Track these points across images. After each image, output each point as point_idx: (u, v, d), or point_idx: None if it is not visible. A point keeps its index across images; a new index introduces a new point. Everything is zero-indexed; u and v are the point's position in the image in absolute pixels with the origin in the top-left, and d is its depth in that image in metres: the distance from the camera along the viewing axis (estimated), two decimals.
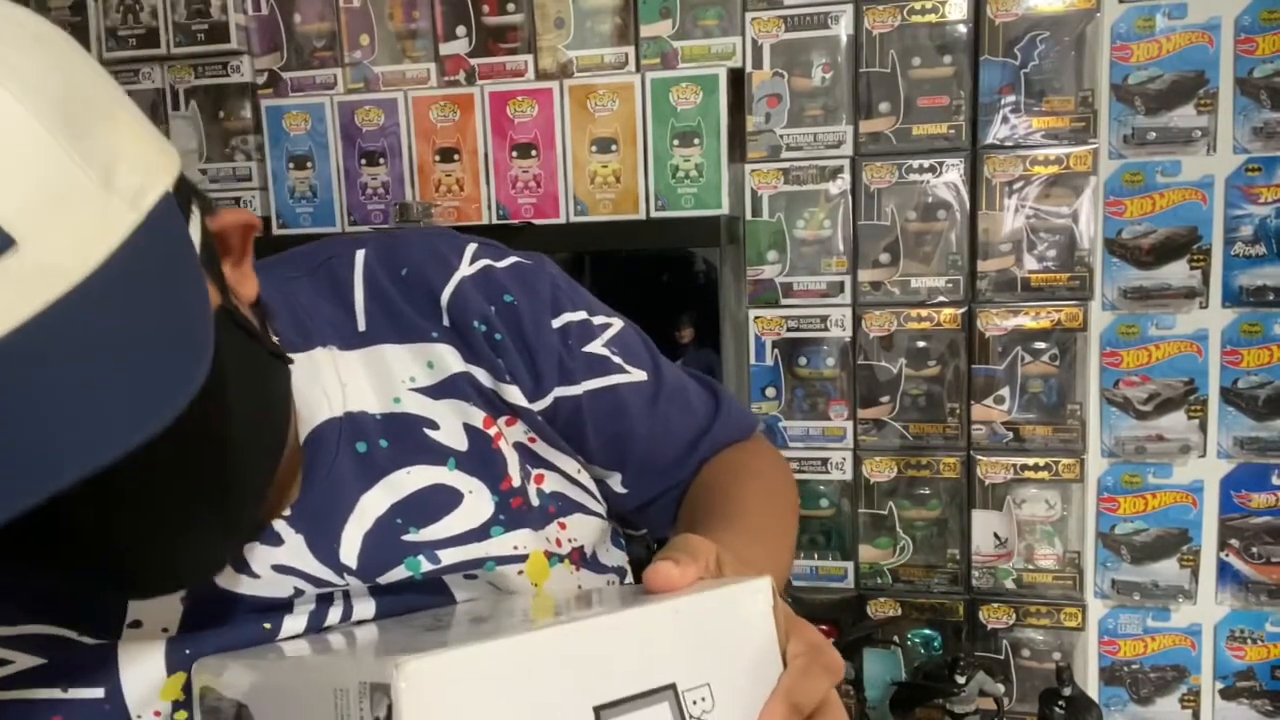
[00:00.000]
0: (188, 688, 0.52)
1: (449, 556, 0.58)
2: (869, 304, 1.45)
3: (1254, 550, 1.39)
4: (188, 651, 0.52)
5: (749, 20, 1.43)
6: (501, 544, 0.60)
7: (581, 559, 0.66)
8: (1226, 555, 1.40)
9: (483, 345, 0.62)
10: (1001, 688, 1.36)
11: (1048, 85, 1.37)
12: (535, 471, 0.64)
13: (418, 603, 0.58)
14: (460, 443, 0.61)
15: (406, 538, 0.58)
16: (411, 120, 1.52)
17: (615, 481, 0.70)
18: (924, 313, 1.43)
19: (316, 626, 0.56)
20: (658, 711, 0.37)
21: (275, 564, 0.54)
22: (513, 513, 0.61)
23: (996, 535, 1.44)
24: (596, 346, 0.67)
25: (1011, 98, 1.37)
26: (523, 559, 0.60)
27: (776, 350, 1.48)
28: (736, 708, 0.40)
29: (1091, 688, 1.44)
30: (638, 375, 0.68)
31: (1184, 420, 1.39)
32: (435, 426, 0.61)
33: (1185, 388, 1.39)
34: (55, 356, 0.37)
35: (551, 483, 0.65)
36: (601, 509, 0.70)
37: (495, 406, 0.63)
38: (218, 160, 1.65)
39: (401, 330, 0.62)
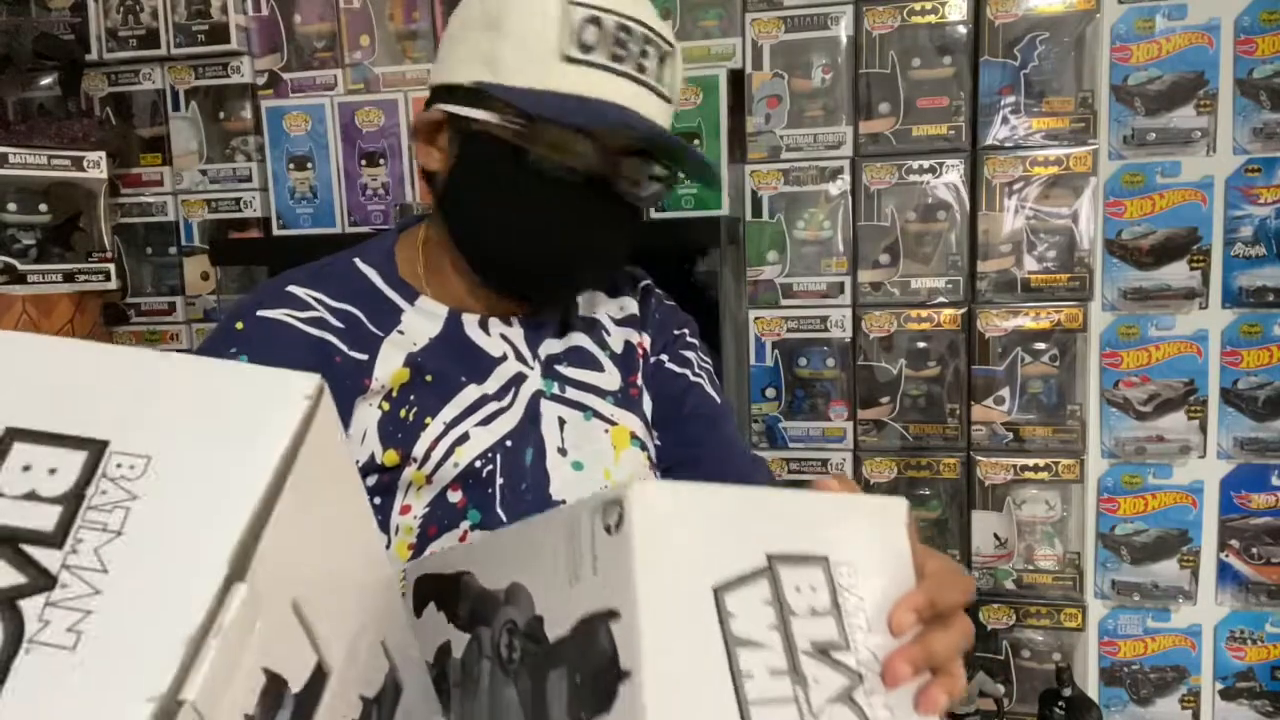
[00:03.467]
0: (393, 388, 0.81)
1: (570, 393, 0.88)
2: (869, 305, 1.45)
3: (1254, 551, 1.39)
4: (420, 359, 0.82)
5: (749, 21, 1.44)
6: (606, 409, 0.88)
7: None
8: (1226, 556, 1.40)
9: (650, 311, 0.97)
10: (1001, 688, 1.36)
11: (1047, 86, 1.37)
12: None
13: (542, 408, 0.86)
14: (619, 346, 0.93)
15: (559, 367, 0.89)
16: (412, 121, 1.52)
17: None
18: (924, 313, 1.43)
19: (503, 393, 0.84)
20: (814, 571, 0.46)
21: (502, 334, 0.87)
22: (627, 397, 0.90)
23: (996, 536, 1.44)
24: (690, 355, 0.96)
25: (1011, 98, 1.37)
26: (613, 424, 0.88)
27: (776, 351, 1.48)
28: (875, 590, 0.48)
29: (1091, 688, 1.44)
30: (712, 392, 0.95)
31: (1184, 421, 1.39)
32: (609, 332, 0.93)
33: (1185, 388, 1.39)
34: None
35: (647, 407, 0.93)
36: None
37: (640, 338, 0.95)
38: (218, 161, 1.65)
39: (613, 289, 0.98)
